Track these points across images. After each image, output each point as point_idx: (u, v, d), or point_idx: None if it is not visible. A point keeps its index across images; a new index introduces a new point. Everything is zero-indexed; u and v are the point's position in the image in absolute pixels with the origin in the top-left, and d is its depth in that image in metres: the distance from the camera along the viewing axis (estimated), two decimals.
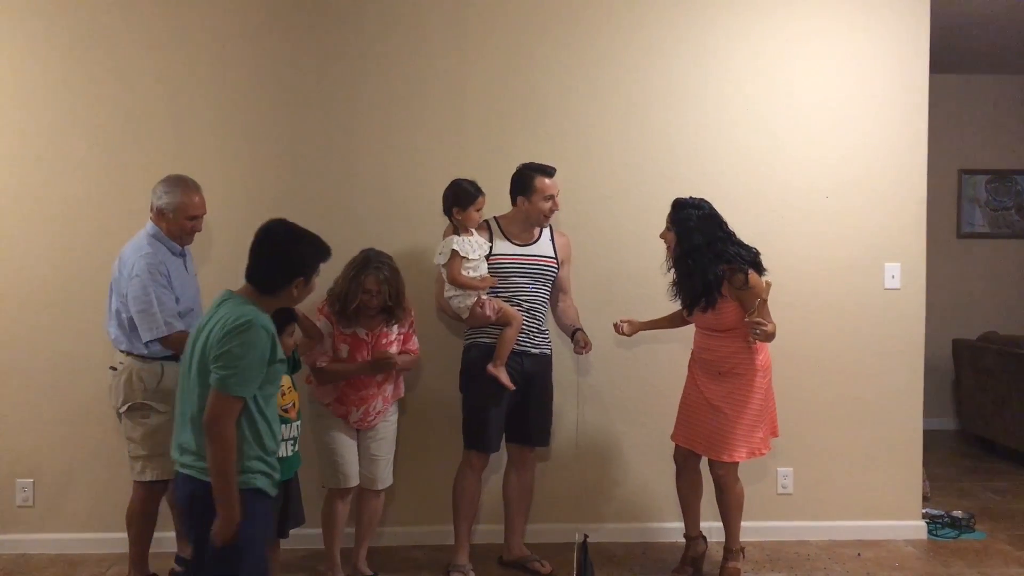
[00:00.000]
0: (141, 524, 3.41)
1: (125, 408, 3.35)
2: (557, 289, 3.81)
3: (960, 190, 6.84)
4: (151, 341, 3.28)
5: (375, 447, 3.55)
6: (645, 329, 3.75)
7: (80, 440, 3.94)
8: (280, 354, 2.47)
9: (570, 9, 4.10)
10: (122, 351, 3.37)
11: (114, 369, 3.40)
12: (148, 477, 3.35)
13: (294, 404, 3.16)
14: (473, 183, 3.61)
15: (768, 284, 3.38)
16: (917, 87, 4.20)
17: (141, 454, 3.34)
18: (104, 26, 3.95)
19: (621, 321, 3.72)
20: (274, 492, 2.52)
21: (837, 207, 4.20)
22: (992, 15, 5.29)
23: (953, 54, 5.99)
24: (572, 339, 3.74)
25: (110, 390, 3.42)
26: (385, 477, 3.60)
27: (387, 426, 3.59)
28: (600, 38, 4.11)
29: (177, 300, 3.33)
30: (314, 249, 2.56)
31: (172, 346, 3.29)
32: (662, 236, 3.58)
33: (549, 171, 3.65)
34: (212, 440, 2.31)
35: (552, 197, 3.63)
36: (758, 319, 3.34)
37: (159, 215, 3.37)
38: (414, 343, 3.61)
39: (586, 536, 3.39)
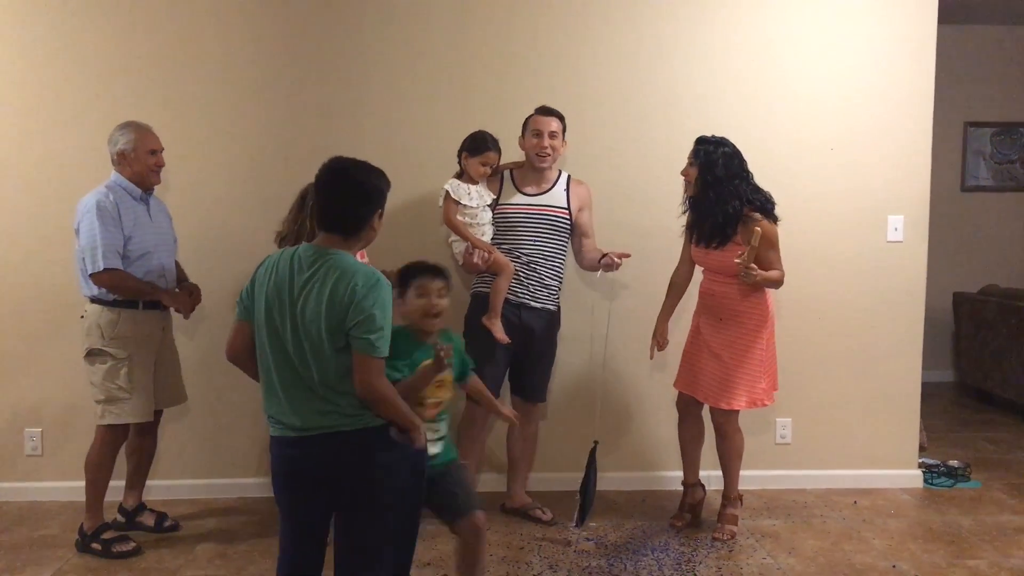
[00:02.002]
0: (98, 470, 3.47)
1: (86, 353, 3.42)
2: (579, 235, 3.80)
3: (965, 143, 6.80)
4: (92, 277, 3.32)
5: None
6: (668, 319, 3.75)
7: (87, 389, 3.96)
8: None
9: None
10: (86, 297, 3.43)
11: (82, 317, 3.45)
12: (108, 421, 3.42)
13: (438, 403, 2.63)
14: (494, 139, 3.61)
15: (757, 232, 3.33)
16: (924, 38, 4.15)
17: (100, 398, 3.41)
18: None
19: (654, 345, 3.73)
20: None
21: (841, 159, 4.18)
22: None
23: (961, 5, 5.89)
24: (600, 263, 3.71)
25: (80, 337, 3.47)
26: None
27: None
28: None
29: (129, 241, 3.37)
30: (381, 175, 2.45)
31: (103, 283, 3.33)
32: (683, 173, 3.56)
33: (542, 109, 3.65)
34: (378, 401, 2.29)
35: (540, 133, 3.59)
36: (747, 263, 3.34)
37: (121, 158, 3.42)
38: None
39: (596, 442, 3.38)
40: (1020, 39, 6.69)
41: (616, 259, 3.67)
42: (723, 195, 3.43)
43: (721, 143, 3.50)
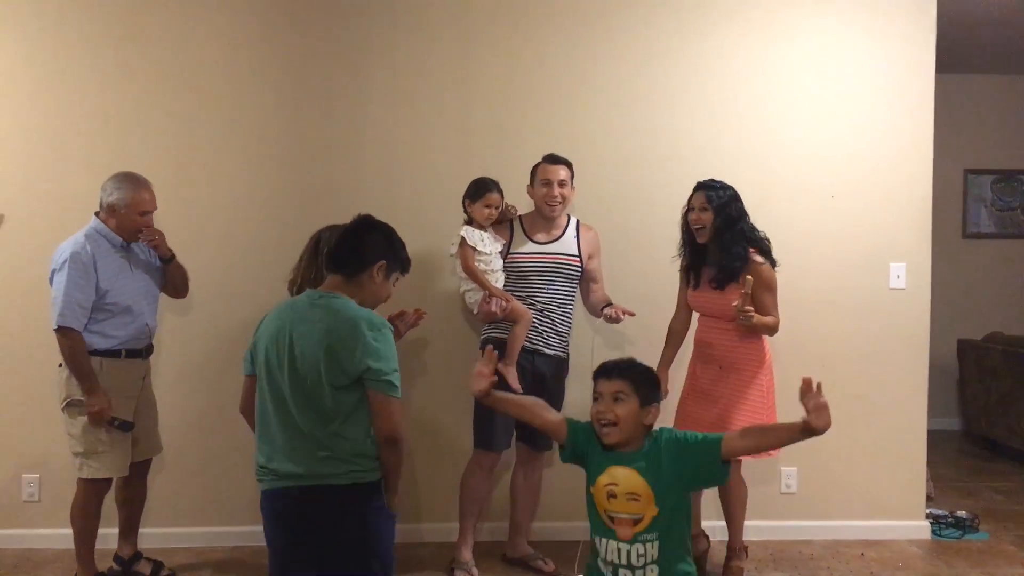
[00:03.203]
0: (84, 522, 3.37)
1: (65, 404, 3.30)
2: (588, 280, 3.80)
3: (966, 190, 6.83)
4: (56, 331, 3.21)
5: None
6: (668, 368, 3.70)
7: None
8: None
9: (577, 4, 4.11)
10: None
11: (61, 365, 3.33)
12: (86, 474, 3.32)
13: (635, 520, 2.22)
14: (494, 181, 3.63)
15: (749, 280, 3.32)
16: (923, 86, 4.19)
17: (79, 451, 3.31)
18: (110, 18, 3.98)
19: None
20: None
21: (843, 207, 4.19)
22: (999, 14, 5.28)
23: (959, 53, 5.97)
24: (603, 311, 3.68)
25: (55, 386, 3.36)
26: None
27: None
28: (605, 35, 4.12)
29: (107, 294, 3.27)
30: (401, 243, 2.54)
31: (61, 341, 3.21)
32: (695, 219, 3.53)
33: (549, 157, 3.68)
34: (396, 444, 2.34)
35: (550, 182, 3.62)
36: (742, 308, 3.32)
37: (109, 211, 3.34)
38: None
39: None
40: (1018, 88, 6.76)
41: (620, 314, 3.65)
42: (736, 237, 3.46)
43: (725, 186, 3.54)
